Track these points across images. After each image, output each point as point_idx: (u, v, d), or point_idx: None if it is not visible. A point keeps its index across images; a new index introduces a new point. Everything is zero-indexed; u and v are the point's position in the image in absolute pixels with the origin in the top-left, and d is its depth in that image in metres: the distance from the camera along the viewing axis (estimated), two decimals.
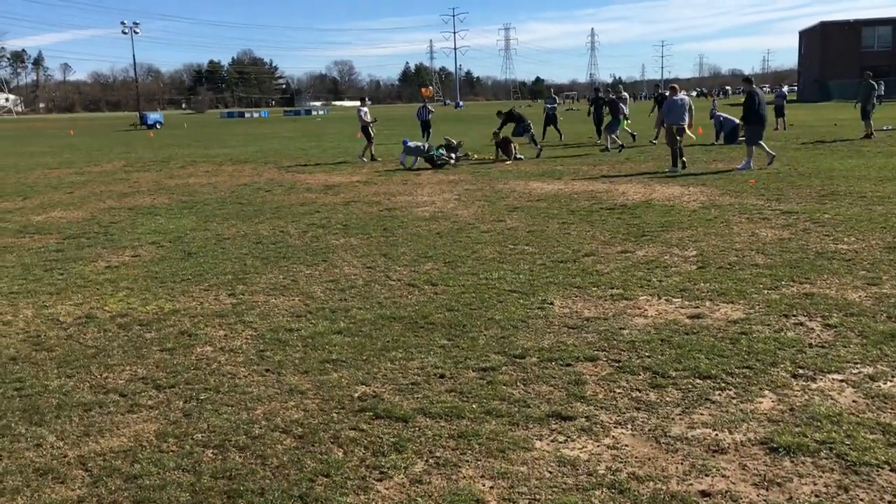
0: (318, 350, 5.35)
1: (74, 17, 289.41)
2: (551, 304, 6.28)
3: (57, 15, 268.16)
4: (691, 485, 3.40)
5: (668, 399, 4.33)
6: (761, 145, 15.40)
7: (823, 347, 5.05)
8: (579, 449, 3.78)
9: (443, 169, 17.82)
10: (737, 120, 22.78)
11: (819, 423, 3.93)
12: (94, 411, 4.44)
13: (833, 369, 4.67)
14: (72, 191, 16.02)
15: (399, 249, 8.66)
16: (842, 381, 4.50)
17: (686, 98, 15.99)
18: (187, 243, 9.52)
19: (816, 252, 7.73)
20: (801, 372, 4.64)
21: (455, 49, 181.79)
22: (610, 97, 23.65)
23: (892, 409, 4.08)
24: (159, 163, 22.98)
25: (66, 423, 4.28)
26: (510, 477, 3.52)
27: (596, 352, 5.12)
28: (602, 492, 3.37)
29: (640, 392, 4.45)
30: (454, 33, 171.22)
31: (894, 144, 19.44)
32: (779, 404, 4.20)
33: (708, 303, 6.15)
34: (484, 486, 3.46)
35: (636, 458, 3.67)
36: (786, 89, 43.78)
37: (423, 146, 19.14)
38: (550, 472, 3.56)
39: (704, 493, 3.33)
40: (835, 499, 3.26)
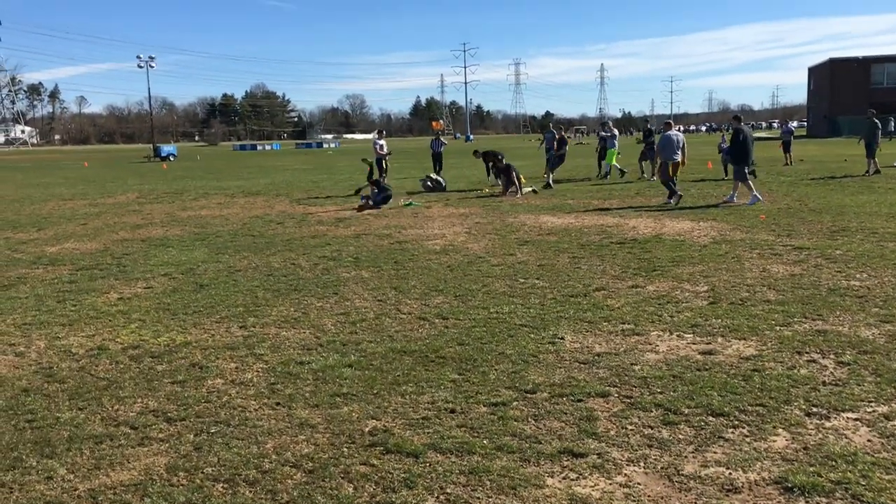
0: (329, 383, 5.35)
1: (92, 52, 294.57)
2: (562, 338, 6.26)
3: (74, 49, 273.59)
4: None
5: (680, 436, 4.30)
6: (748, 184, 15.77)
7: (837, 385, 5.00)
8: (591, 486, 3.75)
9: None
10: None
11: (834, 463, 3.89)
12: (104, 444, 4.44)
13: (847, 408, 4.62)
14: (85, 222, 16.17)
15: (410, 282, 8.68)
16: (856, 419, 4.46)
17: (680, 134, 16.50)
18: (199, 275, 9.57)
19: (828, 288, 7.70)
20: (814, 410, 4.60)
21: (466, 83, 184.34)
22: (600, 133, 24.66)
23: None
24: (172, 195, 23.19)
25: (76, 456, 4.28)
26: None
27: (607, 387, 5.10)
28: None
29: (652, 429, 4.41)
30: (465, 67, 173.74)
31: None
32: (793, 443, 4.16)
33: (720, 339, 6.12)
34: None
35: (649, 496, 3.64)
36: (794, 125, 43.98)
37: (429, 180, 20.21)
38: None
39: None
40: None
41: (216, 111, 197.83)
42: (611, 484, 3.77)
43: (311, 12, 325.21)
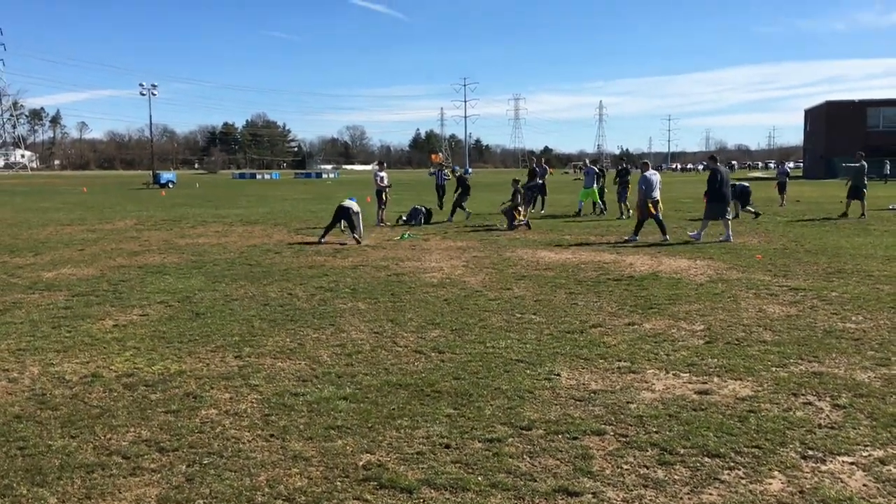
0: (324, 416, 5.33)
1: (94, 78, 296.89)
2: (558, 375, 6.25)
3: (77, 75, 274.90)
4: None
5: (676, 477, 4.28)
6: (726, 222, 16.37)
7: (833, 428, 5.00)
8: None
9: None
10: (746, 183, 23.40)
11: None
12: (96, 473, 4.40)
13: (843, 451, 4.61)
14: (83, 248, 16.16)
15: (406, 315, 8.68)
16: (852, 463, 4.45)
17: (657, 174, 17.32)
18: (195, 303, 9.56)
19: (824, 330, 7.71)
20: (810, 453, 4.59)
21: (465, 117, 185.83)
22: (584, 169, 25.34)
23: None
24: (170, 222, 23.22)
25: (67, 485, 4.24)
26: None
27: (603, 425, 5.08)
28: None
29: (647, 469, 4.40)
30: (465, 102, 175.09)
31: None
32: (788, 486, 4.15)
33: (716, 378, 6.12)
34: None
35: None
36: (791, 165, 44.37)
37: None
38: None
39: None
40: None
41: (216, 139, 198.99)
42: None
43: (314, 44, 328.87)
